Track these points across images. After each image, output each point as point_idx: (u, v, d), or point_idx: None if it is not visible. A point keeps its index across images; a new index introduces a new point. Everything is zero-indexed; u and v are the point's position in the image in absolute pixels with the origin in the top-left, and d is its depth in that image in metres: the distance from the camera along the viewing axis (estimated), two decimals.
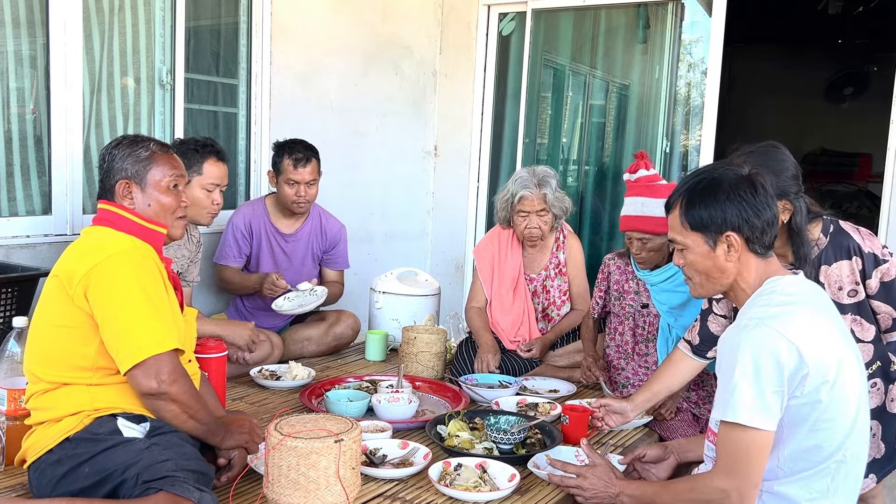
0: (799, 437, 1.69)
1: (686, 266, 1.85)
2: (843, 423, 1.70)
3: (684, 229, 1.81)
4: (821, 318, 1.74)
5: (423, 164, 4.93)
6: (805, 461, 1.71)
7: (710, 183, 1.78)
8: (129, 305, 1.82)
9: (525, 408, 2.71)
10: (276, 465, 1.73)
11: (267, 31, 3.81)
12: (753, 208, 1.75)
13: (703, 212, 1.77)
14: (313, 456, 1.71)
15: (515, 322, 3.31)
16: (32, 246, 2.94)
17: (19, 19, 2.96)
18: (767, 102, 7.54)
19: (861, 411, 1.74)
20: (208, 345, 2.40)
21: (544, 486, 2.11)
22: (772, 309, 1.71)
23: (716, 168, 1.86)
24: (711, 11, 4.10)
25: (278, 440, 1.72)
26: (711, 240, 1.77)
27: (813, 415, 1.67)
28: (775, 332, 1.64)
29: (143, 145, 2.02)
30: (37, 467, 1.85)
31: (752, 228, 1.75)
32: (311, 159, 3.29)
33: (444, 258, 5.00)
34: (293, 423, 1.81)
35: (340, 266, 3.60)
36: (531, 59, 4.73)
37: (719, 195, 1.76)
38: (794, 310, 1.71)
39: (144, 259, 1.91)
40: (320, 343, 3.42)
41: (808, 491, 1.72)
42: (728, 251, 1.77)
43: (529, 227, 3.19)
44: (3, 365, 2.14)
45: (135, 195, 2.00)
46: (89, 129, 3.22)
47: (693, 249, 1.80)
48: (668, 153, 4.94)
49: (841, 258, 2.23)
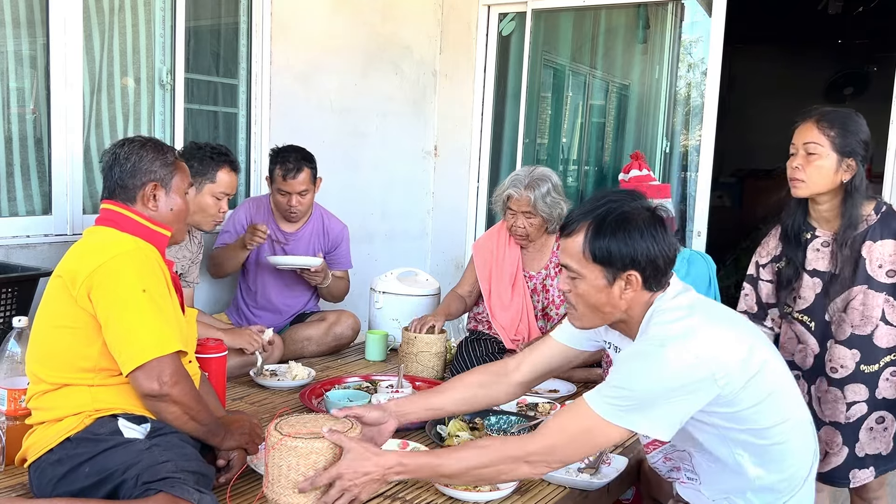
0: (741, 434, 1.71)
1: (573, 295, 1.75)
2: (776, 416, 1.71)
3: (584, 259, 1.69)
4: (718, 318, 1.73)
5: (423, 163, 4.93)
6: (764, 441, 1.72)
7: (623, 217, 1.68)
8: (132, 307, 1.82)
9: (525, 408, 2.71)
10: (275, 465, 1.73)
11: (267, 31, 3.81)
12: (661, 248, 1.67)
13: (612, 245, 1.67)
14: (313, 456, 1.71)
15: (515, 319, 3.31)
16: (32, 246, 2.94)
17: (19, 19, 2.95)
18: (767, 102, 7.53)
19: (784, 376, 1.77)
20: (208, 345, 2.40)
21: (544, 486, 2.11)
22: (672, 327, 1.66)
23: (623, 199, 1.73)
24: (711, 11, 4.10)
25: (278, 440, 1.72)
26: (611, 275, 1.68)
27: (742, 414, 1.68)
28: (681, 349, 1.61)
29: (167, 150, 2.07)
30: (37, 467, 1.85)
31: (655, 269, 1.68)
32: (301, 169, 3.26)
33: (444, 258, 5.00)
34: (293, 422, 1.81)
35: (344, 266, 3.61)
36: (531, 59, 4.73)
37: (632, 232, 1.66)
38: (697, 323, 1.67)
39: (148, 260, 1.91)
40: (320, 343, 3.42)
41: (783, 472, 1.76)
42: (625, 288, 1.69)
43: (515, 226, 3.20)
44: (3, 365, 2.14)
45: (160, 198, 2.02)
46: (89, 130, 3.22)
47: (588, 280, 1.71)
48: (668, 153, 4.94)
49: (887, 237, 2.26)
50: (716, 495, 1.84)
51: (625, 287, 1.70)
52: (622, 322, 1.79)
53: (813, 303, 2.34)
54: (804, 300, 2.35)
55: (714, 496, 1.85)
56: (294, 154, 3.29)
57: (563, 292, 1.79)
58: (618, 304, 1.72)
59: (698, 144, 4.27)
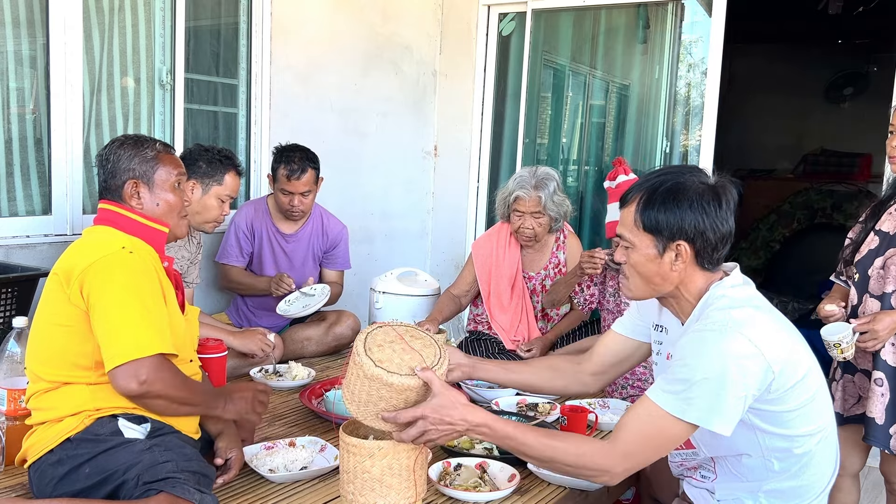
0: (775, 439, 1.70)
1: (627, 265, 1.77)
2: (811, 426, 1.72)
3: (636, 228, 1.73)
4: (769, 318, 1.72)
5: (423, 163, 4.93)
6: (792, 448, 1.72)
7: (674, 187, 1.70)
8: (117, 305, 1.81)
9: (525, 408, 2.71)
10: (365, 391, 1.72)
11: (267, 31, 3.81)
12: (713, 222, 1.68)
13: (660, 215, 1.69)
14: (406, 393, 1.71)
15: (514, 320, 3.31)
16: (32, 246, 2.94)
17: (19, 19, 2.95)
18: (767, 102, 7.54)
19: (822, 388, 1.76)
20: (208, 345, 2.40)
21: (544, 486, 2.12)
22: (735, 313, 1.65)
23: (682, 172, 1.75)
24: (711, 11, 4.10)
25: (372, 371, 1.69)
26: (661, 245, 1.71)
27: (783, 416, 1.68)
28: (743, 339, 1.61)
29: (147, 145, 2.03)
30: (37, 467, 1.85)
31: (705, 242, 1.69)
32: (306, 170, 3.27)
33: (444, 258, 5.00)
34: (380, 342, 1.79)
35: (340, 266, 3.60)
36: (531, 59, 4.73)
37: (681, 201, 1.68)
38: (755, 314, 1.68)
39: (142, 260, 1.91)
40: (320, 343, 3.42)
41: (802, 478, 1.75)
42: (675, 260, 1.71)
43: (523, 228, 3.20)
44: (3, 365, 2.14)
45: (143, 195, 2.00)
46: (89, 130, 3.22)
47: (639, 250, 1.73)
48: (668, 153, 4.94)
49: None
50: (726, 496, 1.83)
51: (675, 259, 1.71)
52: (673, 298, 1.78)
53: (864, 256, 2.44)
54: (860, 254, 2.46)
55: (723, 496, 1.84)
56: (299, 154, 3.30)
57: (620, 263, 1.80)
58: (668, 276, 1.73)
59: (698, 144, 4.27)
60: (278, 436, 2.37)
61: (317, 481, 2.08)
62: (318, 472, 2.11)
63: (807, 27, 6.67)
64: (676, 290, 1.76)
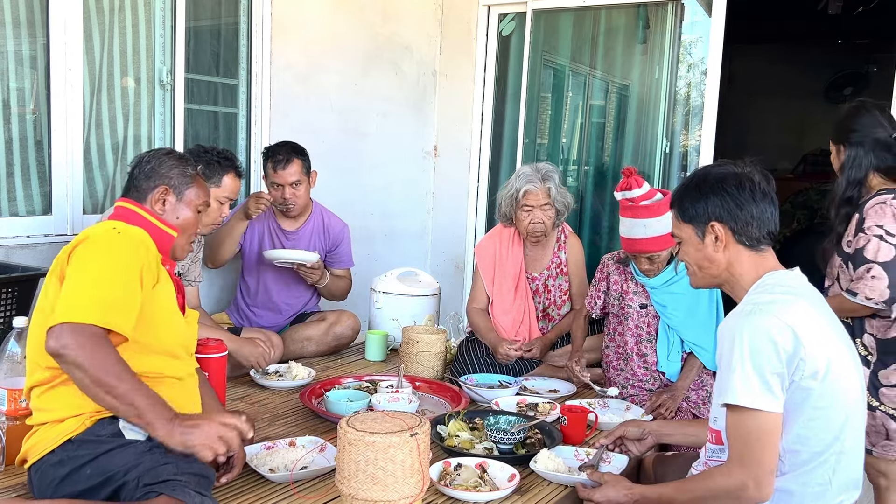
0: (796, 426, 1.70)
1: (683, 257, 1.93)
2: (839, 413, 1.72)
3: (679, 222, 1.91)
4: (818, 313, 1.77)
5: (423, 163, 4.93)
6: (805, 453, 1.71)
7: (699, 177, 1.88)
8: (79, 271, 1.81)
9: (525, 408, 2.71)
10: (352, 460, 1.75)
11: (267, 31, 3.81)
12: (735, 200, 1.81)
13: (688, 202, 1.87)
14: (391, 450, 1.74)
15: (516, 321, 3.31)
16: (32, 246, 2.95)
17: (19, 19, 2.96)
18: (767, 102, 7.54)
19: (858, 403, 1.77)
20: (208, 345, 2.40)
21: (544, 486, 2.12)
22: (770, 296, 1.75)
23: (713, 165, 1.95)
24: (711, 12, 4.10)
25: (356, 437, 1.75)
26: (700, 230, 1.85)
27: (808, 402, 1.69)
28: (773, 316, 1.68)
29: (190, 164, 2.12)
30: (38, 468, 1.85)
31: (735, 219, 1.81)
32: (291, 160, 3.29)
33: (444, 258, 5.00)
34: (363, 419, 1.84)
35: (345, 265, 3.61)
36: (531, 59, 4.73)
37: (704, 188, 1.85)
38: (793, 299, 1.74)
39: (129, 240, 1.90)
40: (320, 343, 3.42)
41: (810, 485, 1.73)
42: (716, 242, 1.83)
43: (533, 223, 3.19)
44: (3, 365, 2.14)
45: (168, 203, 2.06)
46: (89, 130, 3.22)
47: (687, 241, 1.90)
48: (668, 153, 4.93)
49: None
50: None
51: (715, 241, 1.83)
52: (728, 285, 1.88)
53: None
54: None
55: None
56: (284, 147, 3.34)
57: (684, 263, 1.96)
58: (715, 259, 1.85)
59: (698, 144, 4.27)
60: (278, 436, 2.38)
61: (317, 481, 2.09)
62: (318, 471, 2.11)
63: (807, 27, 6.66)
64: (728, 274, 1.86)
